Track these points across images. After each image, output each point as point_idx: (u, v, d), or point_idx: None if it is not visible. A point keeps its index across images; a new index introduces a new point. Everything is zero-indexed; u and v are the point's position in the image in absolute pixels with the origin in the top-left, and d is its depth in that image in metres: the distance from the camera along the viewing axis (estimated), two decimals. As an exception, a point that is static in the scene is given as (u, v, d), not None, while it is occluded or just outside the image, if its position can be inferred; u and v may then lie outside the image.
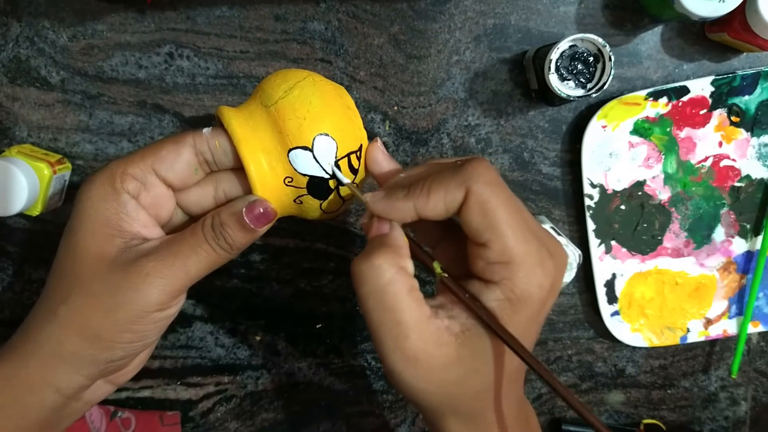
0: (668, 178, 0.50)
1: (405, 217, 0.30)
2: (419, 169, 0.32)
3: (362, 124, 0.33)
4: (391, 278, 0.28)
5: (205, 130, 0.31)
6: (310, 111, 0.30)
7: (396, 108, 0.50)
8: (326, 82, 0.33)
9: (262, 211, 0.30)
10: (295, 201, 0.32)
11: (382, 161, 0.33)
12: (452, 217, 0.30)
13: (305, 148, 0.30)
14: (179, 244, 0.30)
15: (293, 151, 0.30)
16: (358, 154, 0.32)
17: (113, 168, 0.30)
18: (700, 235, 0.51)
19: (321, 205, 0.32)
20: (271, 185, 0.31)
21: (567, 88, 0.45)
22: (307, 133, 0.30)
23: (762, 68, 0.48)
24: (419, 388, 0.29)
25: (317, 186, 0.31)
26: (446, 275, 0.30)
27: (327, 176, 0.31)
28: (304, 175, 0.31)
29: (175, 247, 0.30)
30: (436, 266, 0.30)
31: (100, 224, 0.30)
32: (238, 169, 0.32)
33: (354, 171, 0.32)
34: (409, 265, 0.30)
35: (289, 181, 0.31)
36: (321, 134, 0.30)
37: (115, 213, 0.30)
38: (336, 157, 0.31)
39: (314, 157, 0.30)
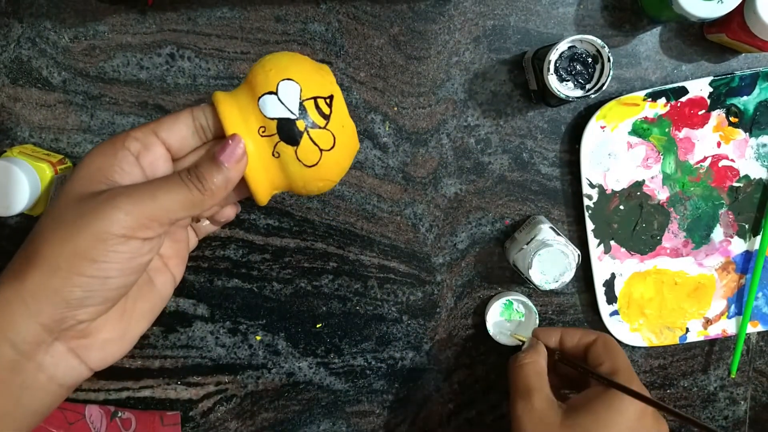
0: (667, 179, 0.50)
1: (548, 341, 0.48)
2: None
3: (335, 81, 0.34)
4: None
5: (203, 104, 0.34)
6: (277, 64, 0.33)
7: (396, 108, 0.50)
8: (305, 57, 0.35)
9: (230, 143, 0.31)
10: (273, 155, 0.33)
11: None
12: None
13: (270, 92, 0.32)
14: (154, 180, 0.32)
15: (261, 99, 0.32)
16: (327, 101, 0.33)
17: (119, 133, 0.33)
18: (698, 235, 0.51)
19: (296, 153, 0.33)
20: (247, 137, 0.33)
21: (566, 89, 0.45)
22: (272, 80, 0.32)
23: (760, 69, 0.48)
24: None
25: (286, 128, 0.32)
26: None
27: (293, 116, 0.32)
28: (272, 119, 0.32)
29: (150, 181, 0.31)
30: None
31: (92, 171, 0.31)
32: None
33: (324, 116, 0.33)
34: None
35: (263, 131, 0.32)
36: (284, 79, 0.32)
37: (110, 165, 0.31)
38: (301, 98, 0.32)
39: (279, 99, 0.32)
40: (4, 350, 0.29)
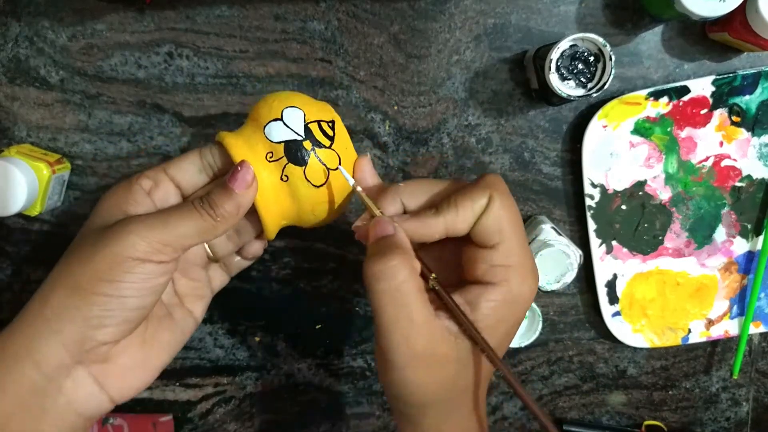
0: (669, 178, 0.50)
1: (434, 234, 0.32)
2: (437, 185, 0.34)
3: (335, 112, 0.35)
4: (405, 277, 0.30)
5: (210, 144, 0.36)
6: (278, 97, 0.35)
7: (396, 107, 0.50)
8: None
9: (240, 169, 0.32)
10: (282, 179, 0.34)
11: (368, 176, 0.36)
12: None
13: (276, 119, 0.34)
14: (169, 207, 0.33)
15: (267, 126, 0.33)
16: (330, 124, 0.35)
17: (133, 175, 0.34)
18: (701, 235, 0.51)
19: (305, 173, 0.33)
20: (256, 164, 0.33)
21: (567, 88, 0.45)
22: (276, 109, 0.34)
23: (762, 68, 0.48)
24: (418, 383, 0.31)
25: (293, 149, 0.33)
26: (438, 287, 0.32)
27: (300, 137, 0.33)
28: (279, 142, 0.33)
29: (165, 209, 0.33)
30: (432, 278, 0.32)
31: (109, 206, 0.33)
32: None
33: (328, 137, 0.34)
34: (418, 266, 0.31)
35: (270, 157, 0.33)
36: (289, 107, 0.34)
37: (124, 198, 0.33)
38: (305, 121, 0.34)
39: (284, 123, 0.33)
40: (27, 371, 0.30)
